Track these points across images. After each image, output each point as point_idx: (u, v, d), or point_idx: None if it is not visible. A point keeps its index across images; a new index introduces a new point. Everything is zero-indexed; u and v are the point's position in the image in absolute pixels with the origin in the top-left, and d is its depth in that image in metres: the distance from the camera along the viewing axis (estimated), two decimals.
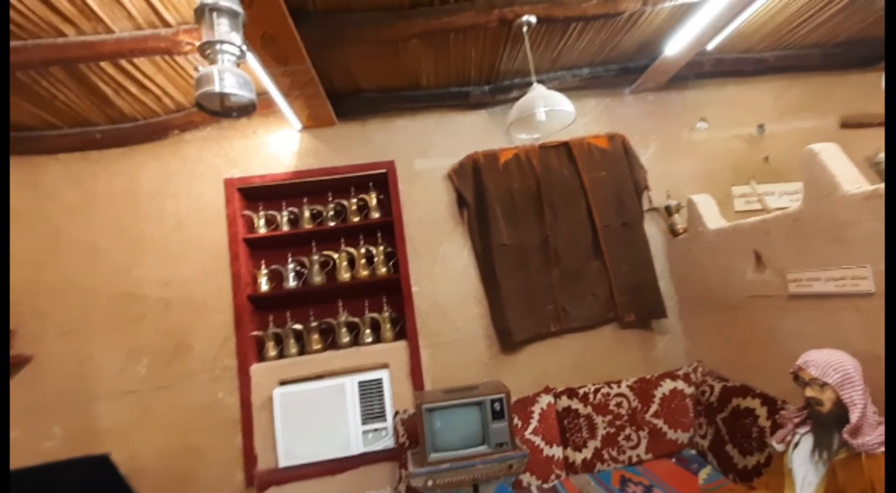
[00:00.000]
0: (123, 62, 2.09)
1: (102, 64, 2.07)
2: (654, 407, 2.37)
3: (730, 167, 3.00)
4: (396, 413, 2.36)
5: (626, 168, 2.91)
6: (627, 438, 2.33)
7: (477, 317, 2.73)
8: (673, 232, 2.81)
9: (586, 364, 2.70)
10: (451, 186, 2.85)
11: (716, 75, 3.04)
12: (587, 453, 2.32)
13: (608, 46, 2.65)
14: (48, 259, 2.52)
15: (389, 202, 2.85)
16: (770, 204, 2.84)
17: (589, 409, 2.39)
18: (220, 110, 1.38)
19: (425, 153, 2.90)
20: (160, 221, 2.64)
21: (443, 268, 2.77)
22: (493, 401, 2.02)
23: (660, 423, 2.35)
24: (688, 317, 2.78)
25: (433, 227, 2.81)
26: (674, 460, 2.28)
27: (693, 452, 2.29)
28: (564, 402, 2.41)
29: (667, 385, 2.42)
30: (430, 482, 1.90)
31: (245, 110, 1.39)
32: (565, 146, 2.91)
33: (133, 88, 2.31)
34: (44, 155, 2.63)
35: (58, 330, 2.46)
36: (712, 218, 2.49)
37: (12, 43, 1.85)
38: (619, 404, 2.40)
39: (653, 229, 2.90)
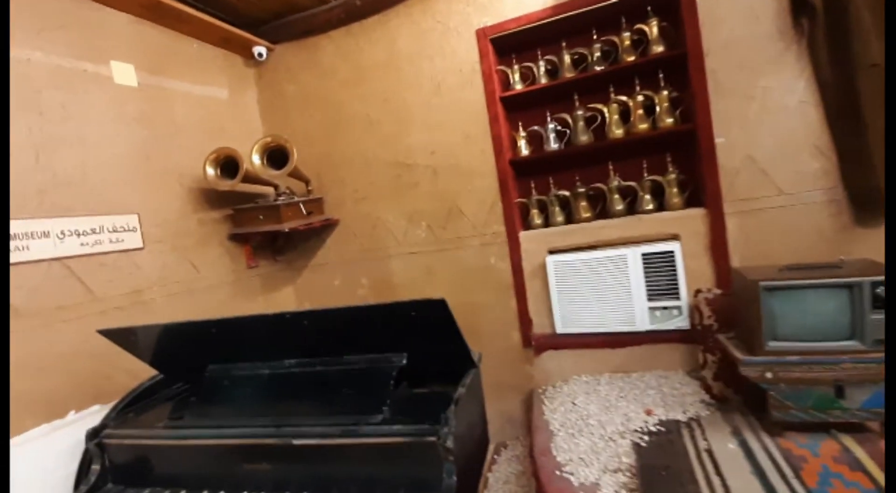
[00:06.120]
0: None
1: None
2: None
3: None
4: (698, 291, 1.97)
5: None
6: None
7: (816, 175, 1.96)
8: None
9: None
10: None
11: None
12: None
13: None
14: (336, 132, 2.78)
15: (677, 29, 2.15)
16: None
17: None
18: None
19: None
20: (419, 87, 2.58)
21: (762, 110, 2.02)
22: (874, 284, 1.43)
23: None
24: None
25: (748, 52, 2.01)
26: None
27: None
28: None
29: None
30: (768, 374, 1.51)
31: None
32: None
33: None
34: (318, 35, 2.78)
35: (353, 197, 2.78)
36: None
37: None
38: None
39: None
